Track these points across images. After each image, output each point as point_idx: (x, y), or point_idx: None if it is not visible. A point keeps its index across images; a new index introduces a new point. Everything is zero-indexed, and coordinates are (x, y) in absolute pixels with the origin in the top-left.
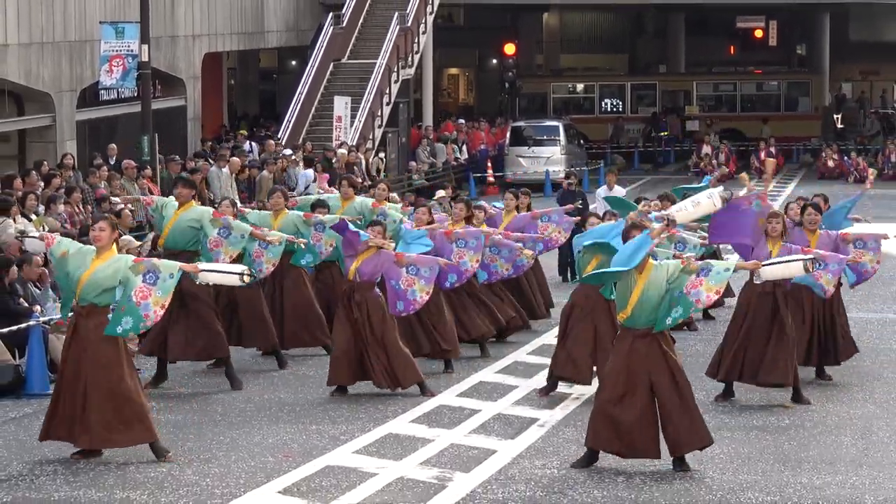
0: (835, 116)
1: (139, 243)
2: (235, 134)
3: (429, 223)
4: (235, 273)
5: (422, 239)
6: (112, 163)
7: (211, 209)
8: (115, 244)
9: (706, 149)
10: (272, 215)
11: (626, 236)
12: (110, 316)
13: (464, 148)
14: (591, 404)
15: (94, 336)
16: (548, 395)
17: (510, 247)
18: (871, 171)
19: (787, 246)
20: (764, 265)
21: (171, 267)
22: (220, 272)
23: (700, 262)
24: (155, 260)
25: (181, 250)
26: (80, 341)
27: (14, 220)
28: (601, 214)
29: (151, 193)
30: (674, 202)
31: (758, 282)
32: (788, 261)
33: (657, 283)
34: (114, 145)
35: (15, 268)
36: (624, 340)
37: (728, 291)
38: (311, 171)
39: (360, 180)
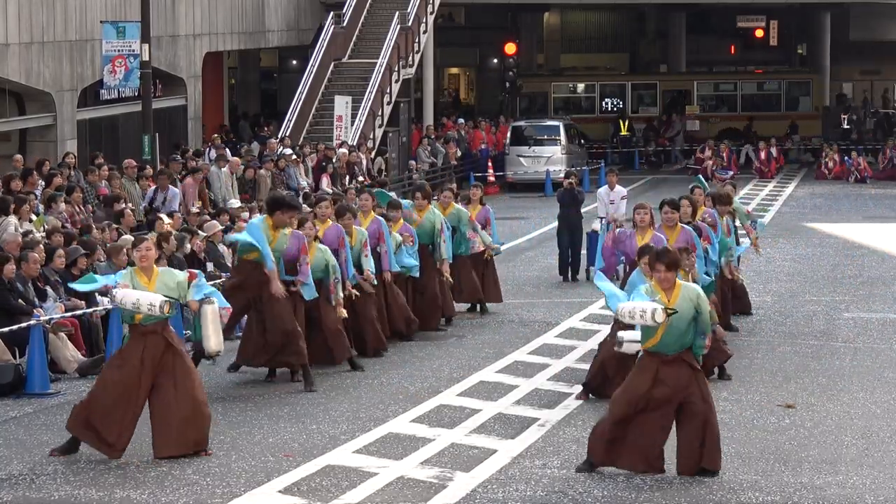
0: (842, 116)
1: None
2: (210, 140)
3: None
4: (210, 348)
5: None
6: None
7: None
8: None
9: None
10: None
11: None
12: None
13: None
14: (592, 404)
15: (176, 348)
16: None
17: None
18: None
19: (658, 236)
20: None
21: (207, 290)
22: (207, 334)
23: (713, 313)
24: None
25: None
26: (157, 357)
27: (20, 220)
28: (602, 216)
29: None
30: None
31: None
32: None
33: (686, 304)
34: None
35: (13, 265)
36: (649, 368)
37: (746, 306)
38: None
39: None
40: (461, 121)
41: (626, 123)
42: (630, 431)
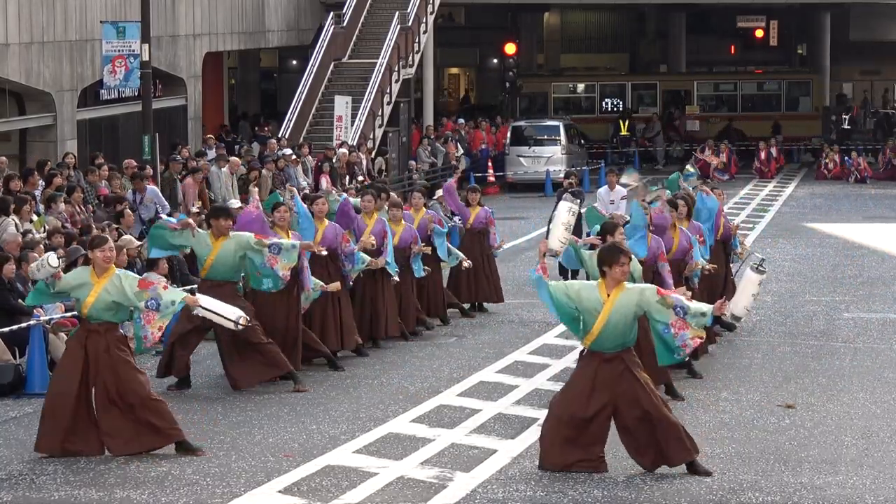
0: (843, 117)
1: (139, 243)
2: (205, 139)
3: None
4: (230, 319)
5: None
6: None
7: (250, 234)
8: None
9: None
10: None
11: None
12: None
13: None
14: None
15: (114, 351)
16: None
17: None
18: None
19: (695, 224)
20: (728, 302)
21: (175, 295)
22: (217, 313)
23: (673, 296)
24: (160, 289)
25: (224, 280)
26: (97, 356)
27: (20, 221)
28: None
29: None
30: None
31: (733, 321)
32: (743, 286)
33: (625, 308)
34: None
35: (13, 265)
36: (589, 365)
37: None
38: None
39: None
40: (461, 121)
41: (627, 123)
42: (579, 431)
